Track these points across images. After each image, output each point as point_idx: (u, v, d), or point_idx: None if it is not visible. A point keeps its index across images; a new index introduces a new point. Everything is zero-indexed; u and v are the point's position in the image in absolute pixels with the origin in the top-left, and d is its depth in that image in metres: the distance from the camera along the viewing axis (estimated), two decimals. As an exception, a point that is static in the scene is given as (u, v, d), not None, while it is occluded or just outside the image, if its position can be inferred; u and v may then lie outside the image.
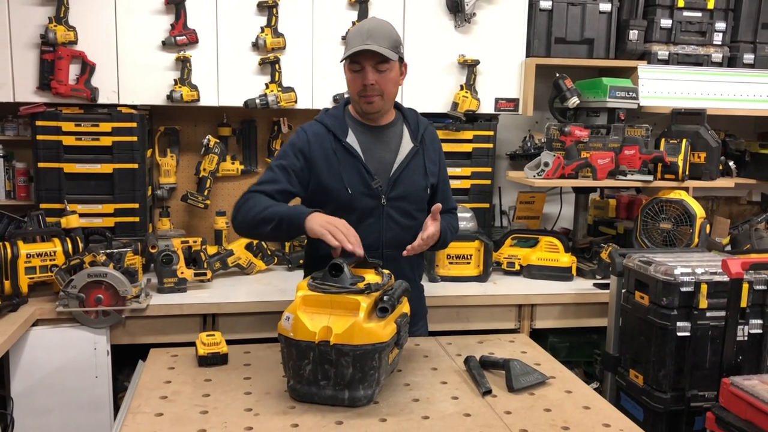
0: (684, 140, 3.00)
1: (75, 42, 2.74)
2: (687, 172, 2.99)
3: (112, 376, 2.48)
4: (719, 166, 3.17)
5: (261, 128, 3.27)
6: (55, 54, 2.71)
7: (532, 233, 3.06)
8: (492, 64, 3.09)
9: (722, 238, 3.18)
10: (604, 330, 2.61)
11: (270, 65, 2.91)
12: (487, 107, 3.12)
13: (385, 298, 1.62)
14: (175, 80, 2.84)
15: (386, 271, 1.77)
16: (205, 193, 3.14)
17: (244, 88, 2.92)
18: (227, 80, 2.91)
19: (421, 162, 2.09)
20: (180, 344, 2.09)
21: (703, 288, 2.22)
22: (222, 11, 2.86)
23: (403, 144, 2.07)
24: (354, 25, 2.91)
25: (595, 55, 3.21)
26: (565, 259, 2.90)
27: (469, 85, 3.06)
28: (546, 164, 2.90)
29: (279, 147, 3.20)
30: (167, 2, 2.79)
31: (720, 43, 3.32)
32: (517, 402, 1.68)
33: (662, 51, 3.25)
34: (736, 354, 2.08)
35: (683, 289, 2.22)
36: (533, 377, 1.79)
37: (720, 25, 3.29)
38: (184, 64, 2.83)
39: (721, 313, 2.14)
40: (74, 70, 2.76)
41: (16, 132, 2.99)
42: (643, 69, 3.18)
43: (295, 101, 2.96)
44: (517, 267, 2.95)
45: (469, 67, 3.05)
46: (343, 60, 1.97)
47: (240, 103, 2.94)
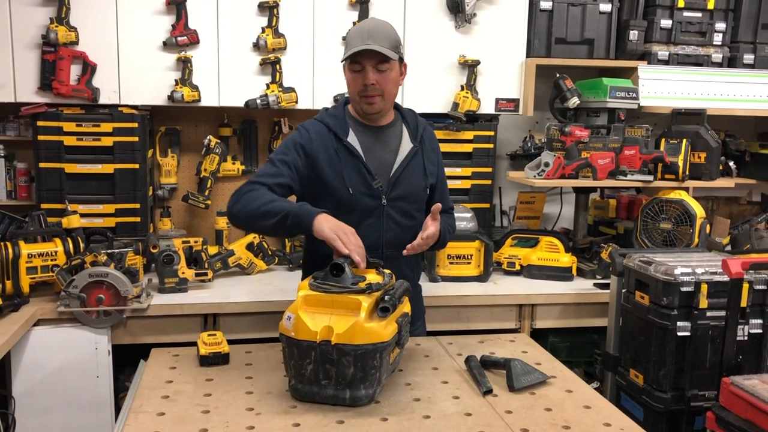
0: (684, 140, 3.00)
1: (76, 42, 2.75)
2: (687, 172, 2.99)
3: (113, 376, 2.48)
4: (719, 166, 3.18)
5: (262, 128, 3.28)
6: (56, 54, 2.72)
7: (533, 233, 3.06)
8: (492, 64, 3.10)
9: (722, 238, 3.18)
10: (605, 330, 2.62)
11: (271, 65, 2.92)
12: (487, 107, 3.12)
13: (386, 297, 1.62)
14: (176, 80, 2.85)
15: (387, 271, 1.77)
16: (206, 194, 3.15)
17: (245, 89, 2.93)
18: (228, 80, 2.91)
19: (421, 162, 2.09)
20: (181, 344, 2.09)
21: (704, 288, 2.22)
22: (223, 12, 2.86)
23: (403, 144, 2.07)
24: (354, 25, 2.91)
25: (596, 55, 3.21)
26: (566, 259, 2.91)
27: (470, 86, 3.06)
28: (546, 164, 2.90)
29: (279, 147, 3.21)
30: (168, 3, 2.79)
31: (720, 43, 3.32)
32: (517, 401, 1.69)
33: (662, 51, 3.25)
34: (736, 354, 2.08)
35: (683, 289, 2.23)
36: (534, 377, 1.80)
37: (720, 26, 3.29)
38: (185, 64, 2.83)
39: (721, 313, 2.15)
40: (75, 70, 2.76)
41: (17, 132, 2.99)
42: (643, 69, 3.18)
43: (296, 101, 2.96)
44: (518, 267, 2.96)
45: (470, 67, 3.05)
46: (344, 60, 1.97)
47: (241, 104, 2.94)
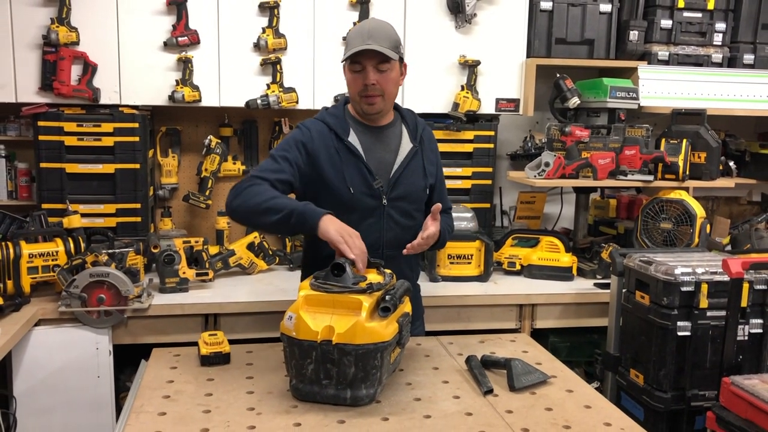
0: (684, 140, 3.01)
1: (77, 43, 2.75)
2: (687, 172, 3.00)
3: (114, 376, 2.48)
4: (719, 166, 3.18)
5: (262, 129, 3.28)
6: (57, 55, 2.72)
7: (533, 233, 3.07)
8: (493, 64, 3.10)
9: (722, 237, 3.18)
10: (605, 330, 2.62)
11: (271, 66, 2.92)
12: (487, 107, 3.12)
13: (387, 297, 1.62)
14: (176, 81, 2.85)
15: (388, 271, 1.77)
16: (207, 194, 3.15)
17: (246, 89, 2.93)
18: (229, 81, 2.91)
19: (420, 162, 2.09)
20: (182, 344, 2.09)
21: (704, 288, 2.22)
22: (223, 12, 2.87)
23: (403, 144, 2.07)
24: (355, 25, 2.91)
25: (596, 55, 3.22)
26: (566, 259, 2.91)
27: (470, 86, 3.07)
28: (547, 164, 2.90)
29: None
30: (169, 3, 2.80)
31: (720, 43, 3.32)
32: (518, 401, 1.69)
33: (662, 51, 3.25)
34: (736, 353, 2.08)
35: (684, 289, 2.23)
36: (534, 376, 1.80)
37: (720, 26, 3.30)
38: (185, 64, 2.84)
39: (721, 313, 2.15)
40: (76, 70, 2.76)
41: (18, 132, 2.99)
42: (643, 69, 3.18)
43: (297, 102, 2.97)
44: (518, 267, 2.96)
45: (470, 67, 3.06)
46: (344, 60, 1.97)
47: (241, 104, 2.94)
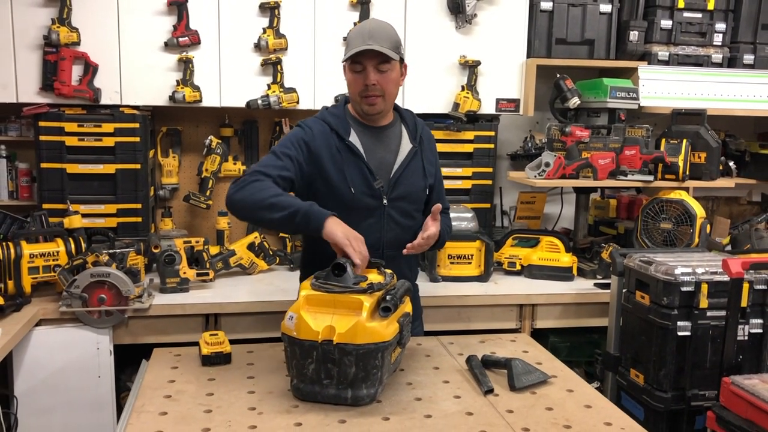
0: (684, 140, 3.01)
1: (78, 43, 2.75)
2: (687, 173, 3.00)
3: (115, 376, 2.48)
4: (719, 167, 3.18)
5: (263, 129, 3.28)
6: (57, 55, 2.72)
7: (533, 233, 3.07)
8: (493, 64, 3.10)
9: (722, 238, 3.19)
10: (605, 330, 2.62)
11: (272, 66, 2.92)
12: (488, 108, 3.13)
13: (388, 297, 1.63)
14: (177, 81, 2.85)
15: (388, 271, 1.77)
16: (207, 194, 3.15)
17: (246, 89, 2.93)
18: (229, 81, 2.91)
19: (420, 163, 2.09)
20: (182, 344, 2.10)
21: (704, 288, 2.22)
22: (224, 12, 2.87)
23: (403, 145, 2.07)
24: (355, 25, 2.92)
25: (596, 55, 3.22)
26: (566, 259, 2.91)
27: (470, 86, 3.07)
28: (547, 164, 2.90)
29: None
30: (169, 3, 2.80)
31: (720, 43, 3.32)
32: (518, 401, 1.69)
33: (662, 52, 3.25)
34: (736, 353, 2.09)
35: (684, 289, 2.23)
36: (535, 376, 1.80)
37: (720, 26, 3.30)
38: (186, 65, 2.84)
39: (721, 313, 2.15)
40: (77, 71, 2.76)
41: (19, 133, 3.00)
42: (643, 69, 3.19)
43: (297, 102, 2.97)
44: (518, 267, 2.96)
45: (470, 67, 3.06)
46: (345, 61, 1.97)
47: (242, 104, 2.95)
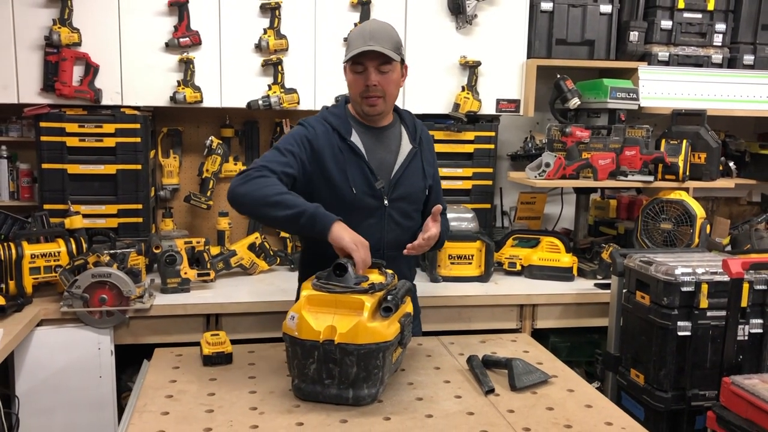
0: (684, 141, 3.01)
1: (79, 44, 2.75)
2: (687, 173, 3.00)
3: (116, 376, 2.49)
4: (719, 167, 3.19)
5: (263, 129, 3.29)
6: (58, 56, 2.72)
7: (534, 233, 3.07)
8: (493, 65, 3.11)
9: (722, 238, 3.19)
10: (605, 330, 2.62)
11: (272, 67, 2.92)
12: (488, 108, 3.13)
13: (389, 297, 1.63)
14: (178, 81, 2.85)
15: (389, 271, 1.78)
16: (208, 194, 3.16)
17: (247, 90, 2.93)
18: (230, 82, 2.92)
19: (420, 163, 2.10)
20: (183, 344, 2.10)
21: (704, 288, 2.23)
22: (225, 13, 2.87)
23: (403, 145, 2.08)
24: (356, 26, 2.92)
25: (596, 56, 3.22)
26: (566, 260, 2.91)
27: (471, 86, 3.07)
28: (547, 165, 2.91)
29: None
30: (170, 4, 2.80)
31: (720, 44, 3.33)
32: (519, 401, 1.70)
33: (662, 52, 3.26)
34: (736, 353, 2.09)
35: (684, 289, 2.23)
36: (535, 376, 1.81)
37: (720, 27, 3.30)
38: (187, 65, 2.84)
39: (721, 313, 2.15)
40: (78, 71, 2.77)
41: (20, 133, 3.00)
42: (643, 70, 3.19)
43: (298, 102, 2.97)
44: (519, 267, 2.97)
45: (471, 68, 3.06)
46: (346, 61, 1.98)
47: (243, 105, 2.95)
